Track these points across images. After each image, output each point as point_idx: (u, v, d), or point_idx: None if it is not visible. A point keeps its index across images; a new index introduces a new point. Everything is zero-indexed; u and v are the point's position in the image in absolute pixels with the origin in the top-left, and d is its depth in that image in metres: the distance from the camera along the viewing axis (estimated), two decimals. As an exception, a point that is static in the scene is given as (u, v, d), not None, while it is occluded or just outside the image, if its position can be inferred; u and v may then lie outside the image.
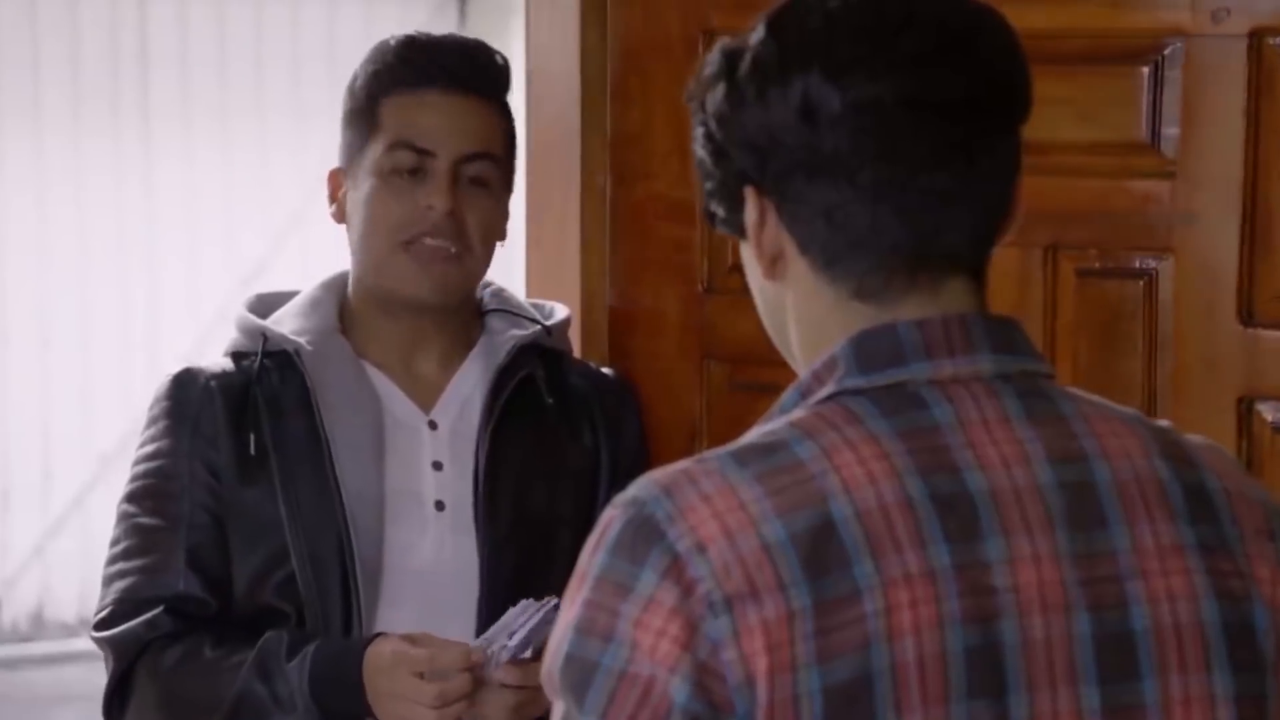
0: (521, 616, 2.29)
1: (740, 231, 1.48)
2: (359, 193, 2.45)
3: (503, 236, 2.49)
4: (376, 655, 2.30)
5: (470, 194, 2.43)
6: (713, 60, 1.47)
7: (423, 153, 2.41)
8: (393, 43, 2.49)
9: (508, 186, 2.51)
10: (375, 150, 2.43)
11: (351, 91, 2.49)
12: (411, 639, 2.31)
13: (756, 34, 1.45)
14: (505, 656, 2.27)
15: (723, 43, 1.47)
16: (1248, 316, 2.33)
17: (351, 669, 2.31)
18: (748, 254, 1.50)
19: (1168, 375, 2.37)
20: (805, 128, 1.41)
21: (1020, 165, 1.46)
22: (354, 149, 2.47)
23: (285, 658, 2.33)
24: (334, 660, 2.32)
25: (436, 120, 2.43)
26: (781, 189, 1.43)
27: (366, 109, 2.45)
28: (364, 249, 2.46)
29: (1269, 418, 2.33)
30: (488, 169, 2.44)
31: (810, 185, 1.42)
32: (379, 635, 2.34)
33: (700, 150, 1.48)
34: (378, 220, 2.43)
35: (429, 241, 2.40)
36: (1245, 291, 2.33)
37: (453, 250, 2.41)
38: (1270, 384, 2.33)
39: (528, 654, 2.27)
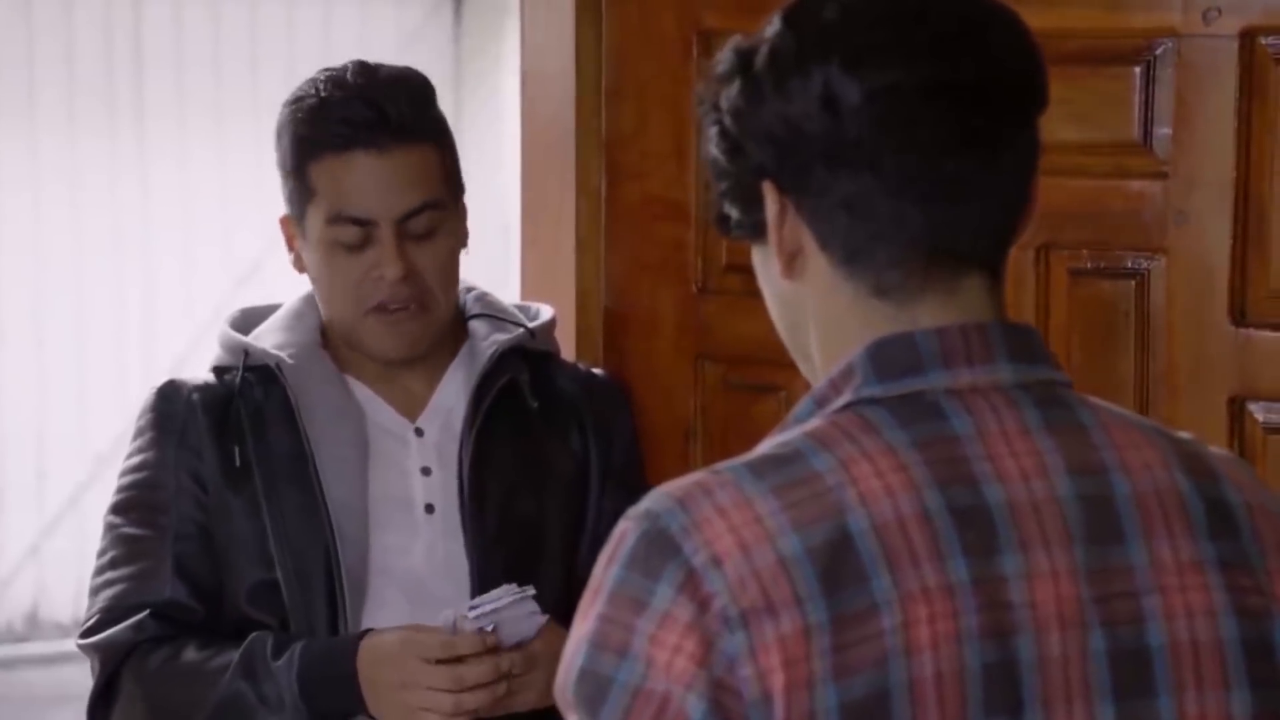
0: (495, 597, 2.29)
1: (755, 233, 1.47)
2: (310, 256, 2.43)
3: (464, 245, 2.47)
4: (377, 646, 2.30)
5: (420, 247, 2.39)
6: (724, 59, 1.46)
7: (362, 222, 2.37)
8: (307, 104, 2.40)
9: (457, 205, 2.45)
10: (316, 219, 2.40)
11: (279, 145, 2.43)
12: (412, 629, 2.31)
13: (771, 28, 1.44)
14: (465, 626, 2.28)
15: (734, 41, 1.47)
16: (1239, 316, 2.33)
17: (343, 664, 2.30)
18: (761, 256, 1.48)
19: (1159, 375, 2.37)
20: (826, 117, 1.39)
21: (1038, 162, 1.45)
22: (295, 206, 2.43)
23: (271, 657, 2.32)
24: (324, 657, 2.32)
25: (368, 186, 2.37)
26: (802, 182, 1.42)
27: (297, 171, 2.40)
28: (329, 310, 2.45)
29: (1260, 418, 2.34)
30: (432, 218, 2.40)
31: (832, 175, 1.40)
32: (369, 631, 2.34)
33: (714, 150, 1.47)
34: (335, 289, 2.42)
35: (393, 309, 2.39)
36: (1237, 291, 2.33)
37: (414, 307, 2.40)
38: (1261, 384, 2.33)
39: (487, 627, 2.27)
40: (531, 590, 2.30)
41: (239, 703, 2.33)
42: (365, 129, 2.37)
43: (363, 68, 2.42)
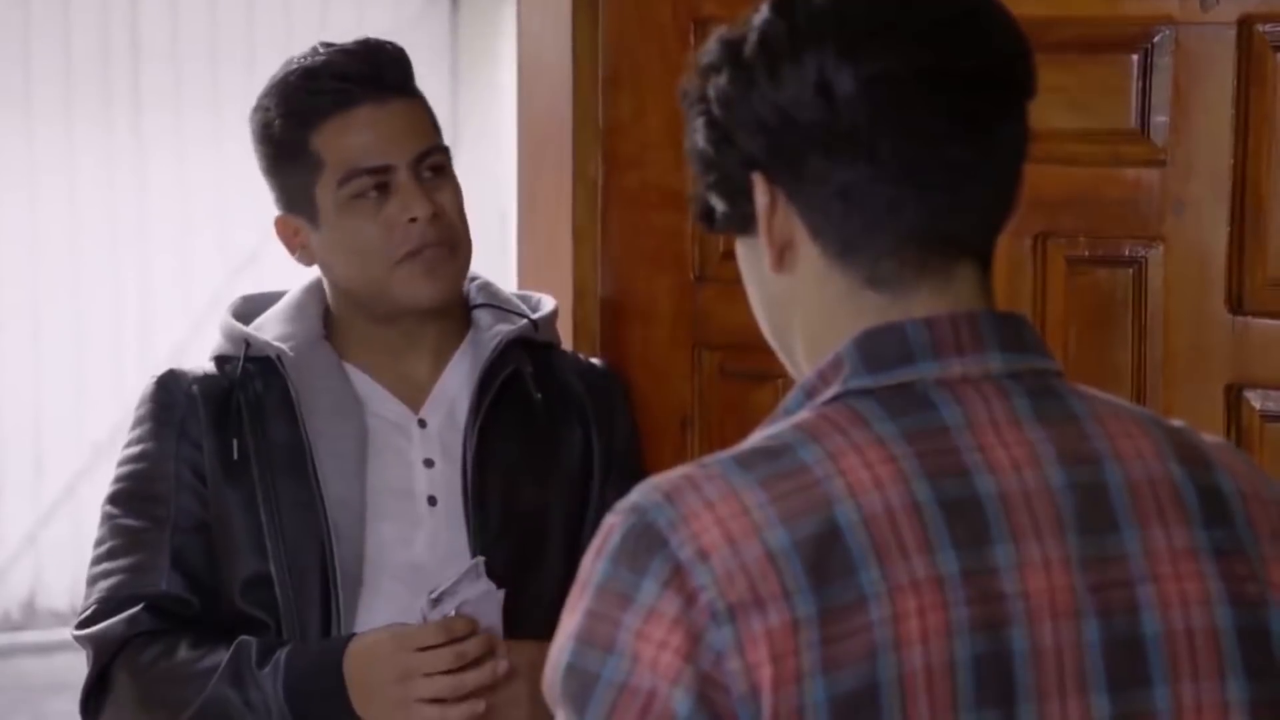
0: (452, 579, 2.30)
1: (741, 227, 1.45)
2: (329, 234, 2.40)
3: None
4: (368, 646, 2.29)
5: (437, 185, 2.41)
6: (710, 50, 1.44)
7: (378, 171, 2.37)
8: (293, 79, 2.40)
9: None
10: (326, 188, 2.38)
11: (269, 137, 2.41)
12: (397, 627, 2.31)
13: (759, 15, 1.42)
14: (434, 618, 2.28)
15: (718, 33, 1.45)
16: (1237, 304, 2.33)
17: (330, 671, 2.30)
18: (746, 250, 1.46)
19: (1157, 363, 2.37)
20: (821, 104, 1.37)
21: (1027, 150, 1.44)
22: (298, 192, 2.41)
23: (257, 664, 2.31)
24: (311, 665, 2.31)
25: (378, 134, 2.38)
26: (795, 172, 1.40)
27: (295, 150, 2.39)
28: (359, 278, 2.41)
29: (1257, 406, 2.34)
30: (440, 157, 2.42)
31: (827, 164, 1.38)
32: (354, 635, 2.33)
33: (700, 142, 1.45)
34: (365, 251, 2.39)
35: (427, 253, 2.38)
36: (1234, 279, 2.33)
37: (446, 249, 2.39)
38: (1259, 372, 2.33)
39: (449, 610, 2.28)
40: (481, 559, 2.30)
41: (224, 707, 2.32)
42: (362, 83, 2.38)
43: (326, 43, 2.44)
